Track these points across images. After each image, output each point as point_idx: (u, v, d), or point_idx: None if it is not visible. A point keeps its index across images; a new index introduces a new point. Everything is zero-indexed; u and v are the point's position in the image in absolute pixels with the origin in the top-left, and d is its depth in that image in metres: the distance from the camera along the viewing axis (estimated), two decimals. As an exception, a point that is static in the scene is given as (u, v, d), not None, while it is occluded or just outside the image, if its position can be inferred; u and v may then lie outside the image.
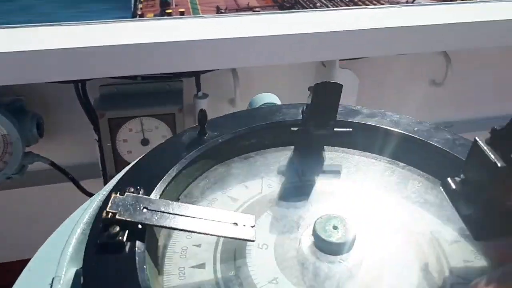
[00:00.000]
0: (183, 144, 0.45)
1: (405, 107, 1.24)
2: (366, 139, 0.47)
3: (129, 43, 1.02)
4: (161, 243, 0.37)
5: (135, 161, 0.43)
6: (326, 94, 0.42)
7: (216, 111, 1.33)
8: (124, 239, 0.32)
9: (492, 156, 0.31)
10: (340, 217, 0.36)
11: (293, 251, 0.35)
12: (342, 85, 0.42)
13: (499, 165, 0.30)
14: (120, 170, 1.15)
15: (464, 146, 0.42)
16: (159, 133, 1.11)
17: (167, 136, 1.12)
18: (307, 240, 0.35)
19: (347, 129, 0.45)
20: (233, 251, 0.36)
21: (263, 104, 0.47)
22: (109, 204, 0.33)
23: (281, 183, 0.43)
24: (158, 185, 0.38)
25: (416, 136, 0.45)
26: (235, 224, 0.35)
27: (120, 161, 1.10)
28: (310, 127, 0.44)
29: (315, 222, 0.35)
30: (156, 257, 0.35)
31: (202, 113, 0.44)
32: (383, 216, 0.39)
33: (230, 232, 0.34)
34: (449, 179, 0.35)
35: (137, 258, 0.31)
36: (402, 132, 0.46)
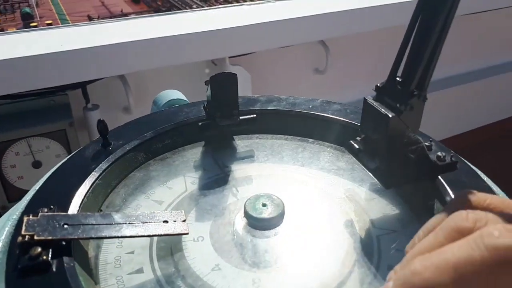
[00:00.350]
0: (89, 157, 0.43)
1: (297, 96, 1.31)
2: (273, 123, 0.50)
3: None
4: (91, 255, 0.35)
5: (40, 182, 0.40)
6: (223, 85, 0.44)
7: (111, 121, 1.27)
8: (49, 257, 0.30)
9: (382, 110, 0.35)
10: (267, 194, 0.38)
11: (229, 235, 0.36)
12: (236, 74, 0.45)
13: (390, 116, 0.34)
14: (13, 199, 1.05)
15: (356, 113, 0.48)
16: (51, 153, 1.03)
17: (61, 155, 1.05)
18: (240, 222, 0.37)
19: (251, 116, 0.47)
20: (169, 249, 0.35)
21: (168, 101, 0.46)
22: (23, 227, 0.31)
23: (203, 178, 0.43)
24: (73, 200, 0.36)
25: (314, 112, 0.49)
26: (166, 221, 0.35)
27: (11, 189, 1.00)
28: (216, 119, 0.45)
29: (245, 203, 0.37)
30: (89, 269, 0.34)
31: (102, 123, 0.42)
32: (304, 187, 0.42)
33: (162, 230, 0.34)
34: (351, 141, 0.38)
35: (67, 272, 0.29)
36: (302, 111, 0.50)
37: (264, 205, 0.37)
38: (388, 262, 0.33)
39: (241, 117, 0.46)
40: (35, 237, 0.30)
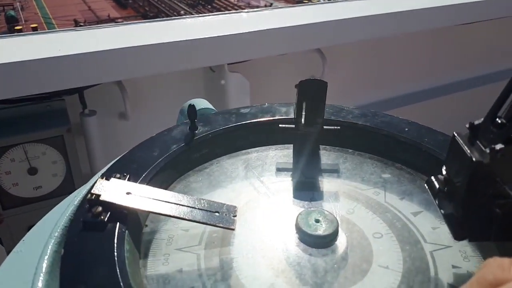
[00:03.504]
0: (176, 136, 0.44)
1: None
2: (358, 138, 0.48)
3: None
4: (147, 230, 0.37)
5: (127, 151, 0.43)
6: (311, 92, 0.43)
7: (107, 127, 1.26)
8: (106, 219, 0.33)
9: (468, 151, 0.30)
10: (318, 210, 0.37)
11: (282, 253, 0.34)
12: (326, 83, 0.43)
13: (474, 159, 0.29)
14: (7, 207, 1.02)
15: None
16: (47, 159, 1.01)
17: (57, 162, 1.03)
18: (292, 238, 0.35)
19: (336, 127, 0.45)
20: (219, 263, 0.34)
21: (199, 110, 0.46)
22: (95, 186, 0.34)
23: (272, 182, 0.43)
24: (144, 174, 0.38)
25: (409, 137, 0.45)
26: (217, 212, 0.35)
27: (6, 196, 0.98)
28: (298, 125, 0.44)
29: (297, 219, 0.36)
30: (139, 241, 0.36)
31: (192, 108, 0.43)
32: (353, 201, 0.41)
33: (211, 219, 0.35)
34: (432, 177, 0.34)
35: (116, 237, 0.32)
36: (395, 133, 0.46)
37: (317, 221, 0.35)
38: (447, 280, 0.32)
39: (325, 127, 0.44)
40: (100, 198, 0.33)
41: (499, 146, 0.28)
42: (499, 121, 0.30)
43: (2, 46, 1.04)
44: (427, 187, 0.35)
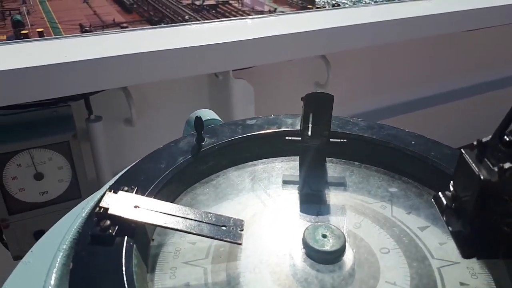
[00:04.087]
0: (183, 149, 0.44)
1: (298, 110, 1.31)
2: (364, 151, 0.48)
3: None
4: (154, 243, 0.37)
5: (134, 163, 0.43)
6: (317, 104, 0.43)
7: (112, 132, 1.27)
8: (114, 233, 0.33)
9: (476, 169, 0.30)
10: (325, 224, 0.36)
11: (288, 268, 0.34)
12: (333, 96, 0.43)
13: (482, 177, 0.29)
14: (13, 212, 1.03)
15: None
16: (53, 165, 1.02)
17: (63, 167, 1.03)
18: (298, 254, 0.35)
19: (342, 140, 0.45)
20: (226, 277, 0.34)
21: (205, 121, 0.46)
22: (103, 200, 0.35)
23: (279, 196, 0.43)
24: (152, 187, 0.38)
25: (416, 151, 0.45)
26: (224, 226, 0.35)
27: (12, 201, 0.98)
28: (305, 138, 0.44)
29: (304, 234, 0.36)
30: (146, 255, 0.36)
31: (198, 120, 0.44)
32: (360, 215, 0.40)
33: (218, 233, 0.35)
34: (440, 193, 0.34)
35: (124, 251, 0.32)
36: (401, 145, 0.46)
37: (324, 236, 0.35)
38: None
39: (331, 140, 0.44)
40: (108, 211, 0.34)
41: (507, 165, 0.28)
42: (507, 139, 0.30)
43: (9, 53, 1.04)
44: (434, 203, 0.34)
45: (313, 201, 0.42)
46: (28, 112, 1.05)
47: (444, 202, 0.33)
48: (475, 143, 0.31)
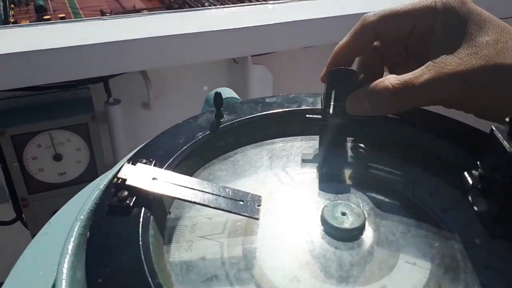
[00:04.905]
0: (202, 124, 0.44)
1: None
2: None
3: (20, 50, 0.92)
4: (171, 216, 0.37)
5: (153, 137, 0.43)
6: (339, 81, 0.42)
7: (130, 116, 1.27)
8: (131, 204, 0.33)
9: (508, 145, 0.28)
10: (344, 202, 0.36)
11: (305, 245, 0.34)
12: (356, 72, 0.42)
13: None
14: (33, 191, 1.04)
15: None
16: (72, 146, 1.03)
17: (81, 149, 1.05)
18: (316, 231, 0.35)
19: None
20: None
21: (224, 99, 0.45)
22: (121, 171, 0.35)
23: (298, 173, 0.42)
24: (170, 161, 0.38)
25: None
26: (241, 201, 0.35)
27: (32, 181, 1.00)
28: (325, 116, 0.43)
29: (322, 211, 0.35)
30: (163, 227, 0.36)
31: (218, 96, 0.43)
32: (380, 195, 0.40)
33: (235, 207, 0.34)
34: (466, 173, 0.33)
35: (141, 221, 0.32)
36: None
37: (343, 214, 0.34)
38: (479, 279, 0.31)
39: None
40: (126, 182, 0.34)
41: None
42: None
43: (31, 34, 1.05)
44: (461, 183, 0.33)
45: (332, 180, 0.41)
46: (48, 94, 1.06)
47: (470, 182, 0.32)
48: (507, 119, 0.29)
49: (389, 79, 0.40)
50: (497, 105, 0.36)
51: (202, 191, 0.35)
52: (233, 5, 1.36)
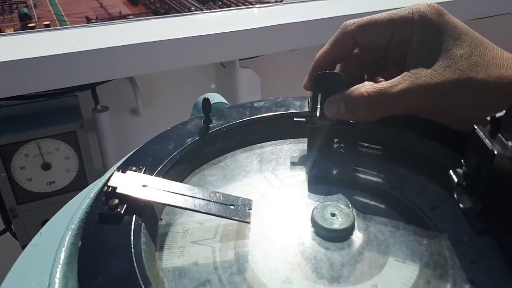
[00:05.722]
0: (191, 130, 0.44)
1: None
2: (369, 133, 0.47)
3: (5, 60, 0.91)
4: (162, 223, 0.37)
5: (142, 144, 0.43)
6: (326, 85, 0.42)
7: (119, 123, 1.27)
8: (122, 211, 0.33)
9: (490, 144, 0.29)
10: (334, 203, 0.36)
11: (297, 246, 0.34)
12: (342, 75, 0.42)
13: (495, 152, 0.28)
14: (22, 201, 1.03)
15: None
16: (61, 155, 1.02)
17: (70, 158, 1.04)
18: (307, 232, 0.35)
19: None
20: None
21: (213, 104, 0.46)
22: (111, 179, 0.35)
23: (286, 176, 0.42)
24: (160, 167, 0.38)
25: None
26: (232, 205, 0.35)
27: (20, 191, 0.99)
28: (314, 119, 0.44)
29: (312, 213, 0.36)
30: (155, 234, 0.36)
31: (206, 101, 0.44)
32: (369, 195, 0.40)
33: (226, 212, 0.35)
34: (451, 171, 0.34)
35: (132, 229, 0.32)
36: None
37: (333, 214, 0.35)
38: (467, 275, 0.32)
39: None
40: (117, 190, 0.34)
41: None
42: None
43: (16, 43, 1.05)
44: (445, 181, 0.34)
45: (321, 182, 0.42)
46: (35, 102, 1.05)
47: (455, 179, 0.33)
48: (488, 118, 0.30)
49: (365, 86, 0.40)
50: (470, 118, 0.36)
51: (193, 197, 0.35)
52: (219, 10, 1.36)
